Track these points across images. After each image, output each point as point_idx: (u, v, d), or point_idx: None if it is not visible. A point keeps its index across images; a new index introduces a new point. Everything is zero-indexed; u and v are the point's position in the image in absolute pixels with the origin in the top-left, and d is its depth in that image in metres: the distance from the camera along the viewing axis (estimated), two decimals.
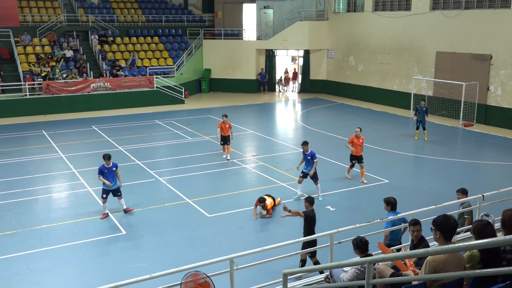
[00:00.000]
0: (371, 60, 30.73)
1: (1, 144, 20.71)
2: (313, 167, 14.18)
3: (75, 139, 21.68)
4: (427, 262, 4.83)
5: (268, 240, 11.99)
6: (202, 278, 6.63)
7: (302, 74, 35.31)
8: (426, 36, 26.88)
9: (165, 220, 13.14)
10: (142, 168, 17.52)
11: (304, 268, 7.52)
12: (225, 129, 18.07)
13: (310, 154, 14.28)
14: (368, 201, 14.61)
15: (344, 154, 19.24)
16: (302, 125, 25.14)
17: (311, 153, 14.28)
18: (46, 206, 14.23)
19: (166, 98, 29.99)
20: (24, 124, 24.70)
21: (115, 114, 27.30)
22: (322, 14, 33.82)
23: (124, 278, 7.04)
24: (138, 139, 21.72)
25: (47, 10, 33.67)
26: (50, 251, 11.39)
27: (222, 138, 18.26)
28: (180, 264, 7.75)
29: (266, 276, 9.64)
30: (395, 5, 29.03)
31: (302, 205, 11.12)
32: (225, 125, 18.02)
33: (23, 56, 29.05)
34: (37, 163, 18.13)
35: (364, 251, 6.70)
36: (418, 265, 6.10)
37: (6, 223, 12.83)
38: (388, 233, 8.99)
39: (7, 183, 15.91)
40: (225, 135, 18.15)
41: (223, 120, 18.09)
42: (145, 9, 37.09)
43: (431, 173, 17.28)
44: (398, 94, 29.07)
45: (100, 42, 31.97)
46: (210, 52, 35.03)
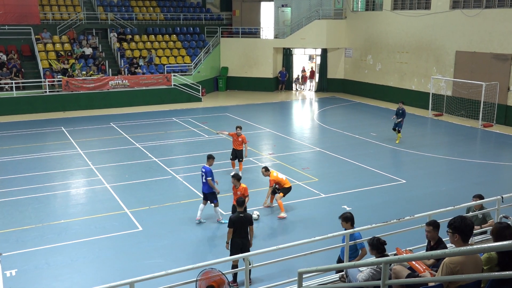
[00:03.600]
0: (389, 59, 30.48)
1: (21, 140, 21.03)
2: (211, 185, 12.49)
3: (93, 135, 21.92)
4: (444, 264, 4.78)
5: (283, 238, 12.00)
6: (217, 275, 6.65)
7: (319, 73, 35.17)
8: (446, 35, 26.56)
9: (181, 217, 13.22)
10: (159, 165, 17.64)
11: (319, 267, 7.49)
12: (237, 142, 15.92)
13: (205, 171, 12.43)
14: (385, 201, 14.51)
15: (361, 153, 19.16)
16: (319, 124, 25.05)
17: (206, 169, 12.45)
18: (65, 201, 14.41)
19: (183, 96, 30.14)
20: (43, 120, 25.05)
21: (132, 111, 27.53)
22: (340, 13, 33.63)
23: (140, 274, 7.11)
24: (155, 136, 21.87)
25: (67, 8, 34.08)
26: (68, 246, 11.54)
27: (233, 153, 16.21)
28: (195, 261, 7.82)
29: (281, 274, 9.64)
30: (414, 4, 28.73)
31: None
32: (237, 137, 15.92)
33: (44, 54, 29.45)
34: (56, 159, 18.37)
35: (382, 251, 6.64)
36: (435, 267, 6.04)
37: (26, 218, 13.03)
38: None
39: (26, 178, 16.15)
40: (237, 149, 16.05)
41: (237, 132, 15.97)
42: (163, 7, 37.31)
43: (449, 173, 17.09)
44: (416, 94, 28.79)
45: (119, 40, 32.25)
46: (227, 50, 35.09)
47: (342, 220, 8.36)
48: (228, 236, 9.63)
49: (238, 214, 9.65)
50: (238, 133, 15.97)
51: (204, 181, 12.50)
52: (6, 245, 11.46)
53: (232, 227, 9.51)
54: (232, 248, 9.57)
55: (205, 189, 12.55)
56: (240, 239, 9.55)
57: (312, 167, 17.70)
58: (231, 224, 9.54)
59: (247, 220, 9.63)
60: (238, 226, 9.54)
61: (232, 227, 9.51)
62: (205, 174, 12.42)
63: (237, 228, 9.52)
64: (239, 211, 9.73)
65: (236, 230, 9.52)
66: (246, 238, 9.63)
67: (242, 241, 9.56)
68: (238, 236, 9.56)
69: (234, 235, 9.57)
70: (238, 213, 9.69)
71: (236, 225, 9.52)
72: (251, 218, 9.79)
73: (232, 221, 9.53)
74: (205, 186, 12.52)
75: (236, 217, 9.59)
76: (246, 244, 9.61)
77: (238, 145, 16.04)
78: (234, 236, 9.58)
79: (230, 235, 9.59)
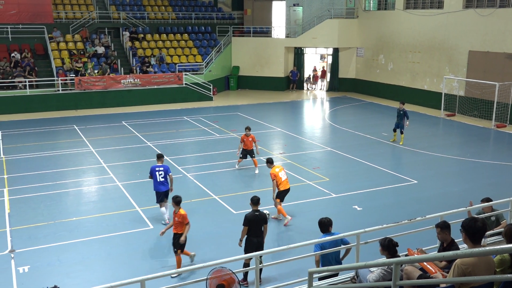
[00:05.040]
0: (401, 58, 30.31)
1: (34, 138, 21.23)
2: (172, 180, 12.61)
3: (105, 134, 22.06)
4: (456, 265, 4.75)
5: (294, 238, 11.99)
6: (227, 274, 6.67)
7: (330, 72, 35.08)
8: (459, 35, 26.35)
9: (191, 215, 13.14)
10: (170, 163, 17.70)
11: (330, 267, 7.48)
12: (248, 142, 16.40)
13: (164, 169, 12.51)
14: (396, 201, 14.44)
15: (372, 153, 19.07)
16: (330, 123, 24.99)
17: (165, 167, 12.57)
18: (77, 199, 14.53)
19: (195, 95, 30.22)
20: (56, 118, 25.26)
21: (144, 110, 27.67)
22: (352, 12, 33.50)
23: (151, 272, 7.15)
24: (166, 135, 21.97)
25: (80, 7, 34.33)
26: (79, 243, 11.64)
27: (243, 152, 16.59)
28: (206, 260, 7.84)
29: (291, 274, 9.64)
30: (427, 3, 28.54)
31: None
32: (247, 138, 16.40)
33: (57, 52, 29.70)
34: (68, 157, 18.52)
35: (393, 253, 6.59)
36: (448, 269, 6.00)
37: (38, 215, 13.16)
38: (318, 258, 8.01)
39: (39, 176, 16.31)
40: (248, 149, 16.52)
41: (246, 133, 16.48)
42: (175, 7, 37.43)
43: (461, 174, 16.96)
44: (428, 94, 28.60)
45: (131, 39, 32.42)
46: (238, 49, 35.12)
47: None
48: (242, 234, 9.57)
49: (253, 213, 9.54)
50: (247, 134, 16.43)
51: (162, 180, 12.35)
52: (19, 241, 11.58)
53: (247, 225, 9.44)
54: (248, 247, 9.51)
55: (165, 187, 12.47)
56: (256, 238, 9.46)
57: (323, 166, 17.67)
58: (246, 222, 9.44)
59: (262, 219, 9.57)
60: (254, 225, 9.45)
61: (247, 225, 9.44)
62: (166, 171, 12.41)
63: (252, 226, 9.45)
64: (254, 209, 9.60)
65: (251, 228, 9.45)
66: (261, 236, 9.58)
67: (258, 240, 9.48)
68: (254, 235, 9.49)
69: (249, 233, 9.50)
70: (254, 211, 9.57)
71: (251, 224, 9.43)
72: (265, 217, 9.74)
73: (248, 219, 9.42)
74: (165, 184, 12.42)
75: (252, 215, 9.48)
76: (261, 243, 9.54)
77: (249, 145, 16.49)
78: (249, 234, 9.51)
79: (244, 233, 9.53)
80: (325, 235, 8.22)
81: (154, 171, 12.38)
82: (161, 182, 12.38)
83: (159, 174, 12.35)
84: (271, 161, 13.29)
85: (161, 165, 12.56)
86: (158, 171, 12.38)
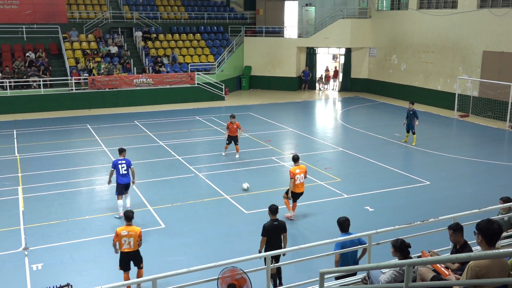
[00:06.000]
0: (414, 59, 30.11)
1: (48, 137, 21.44)
2: (133, 173, 13.18)
3: (118, 133, 22.21)
4: (469, 267, 4.71)
5: (305, 238, 11.97)
6: (238, 274, 6.67)
7: (343, 72, 34.96)
8: (473, 35, 26.11)
9: (203, 215, 13.30)
10: (182, 163, 17.78)
11: (342, 268, 7.45)
12: (233, 129, 17.95)
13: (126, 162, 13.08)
14: (408, 202, 14.34)
15: (384, 154, 18.98)
16: (342, 123, 24.90)
17: (127, 161, 13.12)
18: (89, 197, 14.65)
19: (207, 95, 30.30)
20: (69, 117, 25.48)
21: (156, 109, 27.80)
22: (365, 12, 33.35)
23: (162, 271, 7.18)
24: (178, 134, 22.05)
25: (94, 7, 34.59)
26: (92, 241, 11.73)
27: (228, 138, 18.18)
28: (217, 259, 7.86)
29: (302, 274, 9.62)
30: (440, 3, 28.32)
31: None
32: (232, 125, 17.89)
33: (70, 52, 29.96)
34: (81, 156, 18.67)
35: (406, 254, 6.54)
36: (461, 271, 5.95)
37: (52, 213, 13.29)
38: (338, 258, 7.99)
39: (52, 174, 16.46)
40: (233, 135, 18.04)
41: (231, 121, 17.92)
42: (188, 7, 37.57)
43: (475, 175, 16.81)
44: (442, 94, 28.37)
45: (144, 39, 32.60)
46: (251, 49, 35.14)
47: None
48: (261, 245, 9.06)
49: (272, 222, 9.04)
50: (232, 122, 17.84)
51: (125, 173, 12.90)
52: (32, 239, 11.71)
53: (266, 236, 8.94)
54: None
55: (128, 179, 13.02)
56: (275, 248, 8.86)
57: (335, 167, 17.61)
58: (265, 232, 8.95)
59: (281, 228, 9.08)
60: (272, 235, 8.98)
61: (265, 236, 8.94)
62: (128, 164, 13.01)
63: (271, 237, 8.95)
64: (273, 218, 9.13)
65: (270, 239, 8.94)
66: (281, 246, 9.07)
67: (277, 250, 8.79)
68: (272, 245, 8.96)
69: (268, 244, 8.99)
70: (272, 220, 9.08)
71: (270, 233, 8.94)
72: (285, 226, 9.22)
73: (266, 229, 8.95)
74: (127, 177, 12.97)
75: (270, 225, 9.00)
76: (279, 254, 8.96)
77: (234, 131, 17.98)
78: (267, 245, 9.01)
79: (263, 244, 9.02)
80: (344, 235, 8.21)
81: (117, 164, 12.97)
82: (123, 174, 12.95)
83: (121, 167, 12.95)
84: (296, 159, 13.02)
85: (123, 159, 13.13)
86: (121, 164, 12.98)
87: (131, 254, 9.33)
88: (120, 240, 9.21)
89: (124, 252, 9.30)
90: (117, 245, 9.29)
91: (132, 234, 9.18)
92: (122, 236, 9.19)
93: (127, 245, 9.21)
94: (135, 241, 9.22)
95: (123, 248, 9.24)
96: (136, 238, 9.22)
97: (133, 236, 9.18)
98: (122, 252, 9.31)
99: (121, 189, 13.07)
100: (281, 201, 13.61)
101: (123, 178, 12.99)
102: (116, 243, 9.30)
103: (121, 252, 9.33)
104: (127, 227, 9.27)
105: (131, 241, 9.19)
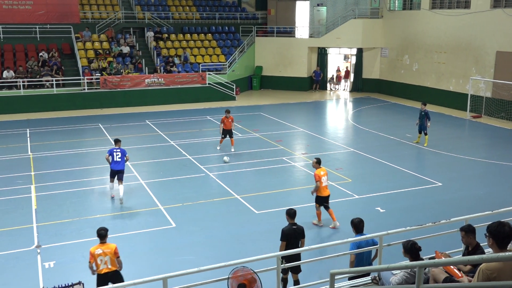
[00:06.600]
0: (426, 59, 29.92)
1: (61, 136, 21.62)
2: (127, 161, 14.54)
3: (130, 132, 22.33)
4: (481, 270, 4.67)
5: (315, 239, 11.95)
6: (249, 274, 6.68)
7: (354, 72, 34.83)
8: (486, 35, 25.88)
9: (213, 215, 13.34)
10: (193, 163, 17.84)
11: (352, 269, 7.44)
12: (227, 123, 18.84)
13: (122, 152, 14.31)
14: (420, 203, 14.25)
15: (395, 155, 18.88)
16: (353, 124, 24.81)
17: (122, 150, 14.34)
18: (101, 196, 14.75)
19: (218, 95, 30.36)
20: (82, 117, 25.67)
21: (168, 109, 27.92)
22: (377, 12, 33.21)
23: (173, 270, 7.20)
24: (189, 134, 22.13)
25: (106, 7, 34.83)
26: None
27: (223, 132, 19.09)
28: (227, 259, 7.86)
29: (313, 275, 9.61)
30: (453, 3, 28.11)
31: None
32: (227, 119, 18.77)
33: (83, 52, 30.19)
34: (93, 155, 18.81)
35: (416, 257, 6.50)
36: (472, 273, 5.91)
37: (64, 212, 13.41)
38: (353, 258, 8.01)
39: (65, 173, 16.61)
40: (228, 129, 18.95)
41: (226, 115, 18.79)
42: (199, 7, 37.67)
43: (487, 177, 16.66)
44: (454, 95, 28.16)
45: (155, 39, 32.75)
46: (262, 49, 35.14)
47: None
48: (281, 251, 8.75)
49: (290, 226, 8.89)
50: (227, 116, 18.74)
51: (119, 160, 14.06)
52: (45, 237, 11.82)
53: (285, 240, 8.77)
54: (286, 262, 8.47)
55: (121, 166, 14.15)
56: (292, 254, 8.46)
57: (346, 167, 17.56)
58: (284, 237, 8.79)
59: (300, 232, 8.94)
60: (291, 239, 8.81)
61: (285, 240, 8.77)
62: (123, 153, 14.21)
63: (289, 241, 8.80)
64: (291, 223, 8.98)
65: (288, 243, 8.78)
66: (298, 253, 8.80)
67: (295, 255, 8.67)
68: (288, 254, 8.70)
69: (286, 249, 8.74)
70: (291, 225, 8.93)
71: (289, 238, 8.79)
72: (303, 231, 9.05)
73: (285, 234, 8.78)
74: (121, 164, 14.11)
75: (289, 229, 8.84)
76: (299, 258, 8.85)
77: (229, 126, 18.85)
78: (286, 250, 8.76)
79: (283, 249, 8.76)
80: (359, 235, 8.21)
81: (112, 152, 14.17)
82: (116, 161, 14.08)
83: (116, 155, 14.12)
84: (319, 162, 12.66)
85: (119, 148, 14.30)
86: (116, 152, 14.17)
87: (110, 275, 8.45)
88: (96, 260, 8.40)
89: (102, 274, 8.41)
90: (94, 266, 8.42)
91: (108, 252, 8.44)
92: (97, 256, 8.41)
93: (104, 265, 8.41)
94: (112, 259, 8.45)
95: (100, 269, 8.40)
96: (113, 256, 8.46)
97: (109, 253, 8.44)
98: (99, 274, 8.42)
99: (113, 174, 14.23)
100: (288, 202, 13.63)
101: (115, 165, 14.09)
102: (92, 264, 8.43)
103: (98, 274, 8.43)
104: (101, 245, 8.52)
105: (107, 260, 8.41)
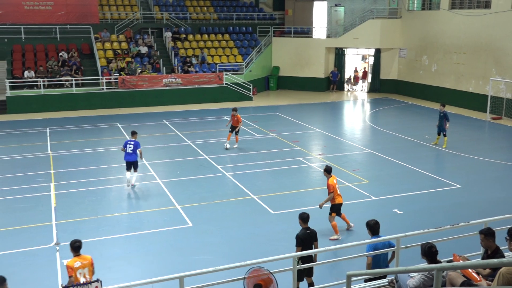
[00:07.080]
0: (445, 60, 29.58)
1: (80, 135, 21.89)
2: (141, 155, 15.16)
3: (147, 132, 22.50)
4: (500, 274, 4.62)
5: (332, 240, 11.90)
6: (265, 274, 6.68)
7: (372, 73, 34.60)
8: (507, 36, 25.49)
9: (230, 214, 13.37)
10: (210, 162, 17.90)
11: (369, 271, 7.39)
12: (234, 121, 19.59)
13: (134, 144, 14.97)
14: (438, 205, 14.10)
15: (413, 156, 18.71)
16: (371, 125, 24.65)
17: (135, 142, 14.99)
18: (119, 195, 14.89)
19: (235, 95, 30.42)
20: (100, 116, 25.94)
21: (185, 109, 28.06)
22: (395, 12, 32.94)
23: (189, 269, 7.25)
24: (206, 134, 22.21)
25: (125, 7, 35.14)
26: (121, 238, 11.92)
27: (231, 128, 19.75)
28: (243, 259, 7.89)
29: (329, 276, 9.58)
30: (473, 3, 27.75)
31: None
32: (234, 118, 19.47)
33: (102, 52, 30.51)
34: (112, 154, 18.99)
35: (433, 260, 6.43)
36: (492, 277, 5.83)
37: (82, 210, 13.57)
38: (370, 260, 8.01)
39: (84, 172, 16.80)
40: (235, 126, 19.66)
41: (232, 113, 19.60)
42: (217, 7, 37.80)
43: (507, 179, 16.40)
44: (473, 96, 27.79)
45: (173, 39, 32.94)
46: (279, 49, 35.12)
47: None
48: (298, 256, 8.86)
49: (304, 231, 8.93)
50: (234, 114, 19.49)
51: (130, 152, 14.77)
52: (64, 235, 11.97)
53: (301, 246, 8.79)
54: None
55: (132, 158, 14.85)
56: (308, 257, 8.70)
57: (363, 169, 17.46)
58: (299, 242, 8.81)
59: (313, 236, 8.97)
60: (306, 244, 8.84)
61: (301, 246, 8.79)
62: (135, 146, 14.83)
63: (304, 245, 8.83)
64: (305, 227, 9.01)
65: (303, 248, 8.79)
66: (311, 256, 8.87)
67: (309, 259, 8.76)
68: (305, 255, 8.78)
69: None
70: (304, 229, 8.97)
71: (304, 243, 8.82)
72: (316, 234, 9.06)
73: (301, 239, 8.82)
74: (132, 156, 14.80)
75: (303, 234, 8.88)
76: (313, 261, 8.88)
77: (235, 122, 19.59)
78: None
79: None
80: (375, 237, 8.18)
81: (126, 144, 14.96)
82: (128, 153, 14.82)
83: (128, 147, 14.82)
84: (329, 170, 12.17)
85: (133, 140, 15.00)
86: (129, 144, 14.90)
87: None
88: (75, 273, 8.06)
89: None
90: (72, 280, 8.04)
91: (86, 264, 8.18)
92: (76, 269, 8.08)
93: (83, 278, 8.09)
94: (89, 271, 8.21)
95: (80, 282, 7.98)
96: (90, 267, 8.24)
97: (87, 265, 8.19)
98: None
99: (127, 166, 15.00)
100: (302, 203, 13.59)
101: (127, 156, 14.89)
102: (72, 278, 8.05)
103: None
104: (78, 258, 8.21)
105: (85, 272, 8.15)
